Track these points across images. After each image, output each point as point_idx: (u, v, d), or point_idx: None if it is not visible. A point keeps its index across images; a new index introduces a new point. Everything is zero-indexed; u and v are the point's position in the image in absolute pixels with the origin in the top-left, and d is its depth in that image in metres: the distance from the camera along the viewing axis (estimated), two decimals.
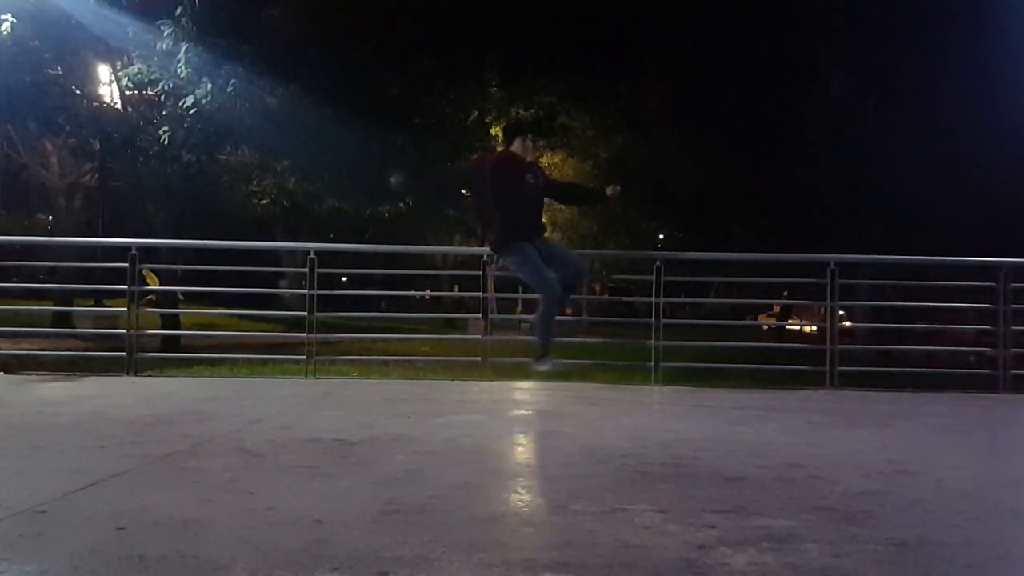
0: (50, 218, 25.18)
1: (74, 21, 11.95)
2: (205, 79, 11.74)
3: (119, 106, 14.67)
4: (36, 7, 11.49)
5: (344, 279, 21.42)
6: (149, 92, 12.72)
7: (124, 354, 6.42)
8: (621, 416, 4.68)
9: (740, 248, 20.78)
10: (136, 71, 12.28)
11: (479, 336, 6.64)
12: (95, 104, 14.49)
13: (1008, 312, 6.48)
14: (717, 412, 4.82)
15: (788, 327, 30.16)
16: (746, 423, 4.37)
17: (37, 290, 16.95)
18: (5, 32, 10.93)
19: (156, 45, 11.57)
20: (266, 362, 8.19)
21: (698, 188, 22.84)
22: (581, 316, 25.99)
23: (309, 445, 3.44)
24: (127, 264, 6.46)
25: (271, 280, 27.94)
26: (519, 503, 2.61)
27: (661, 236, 28.46)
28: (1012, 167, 17.05)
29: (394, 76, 14.61)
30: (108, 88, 15.05)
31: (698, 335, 11.27)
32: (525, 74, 19.99)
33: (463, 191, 5.48)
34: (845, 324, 10.71)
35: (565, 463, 3.26)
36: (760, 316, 30.96)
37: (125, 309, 6.61)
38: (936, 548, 2.18)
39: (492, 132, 19.52)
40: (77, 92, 14.02)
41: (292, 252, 20.28)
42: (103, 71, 14.92)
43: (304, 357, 6.64)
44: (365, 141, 13.72)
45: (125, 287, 6.53)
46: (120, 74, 13.25)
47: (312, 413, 4.51)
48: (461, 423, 4.18)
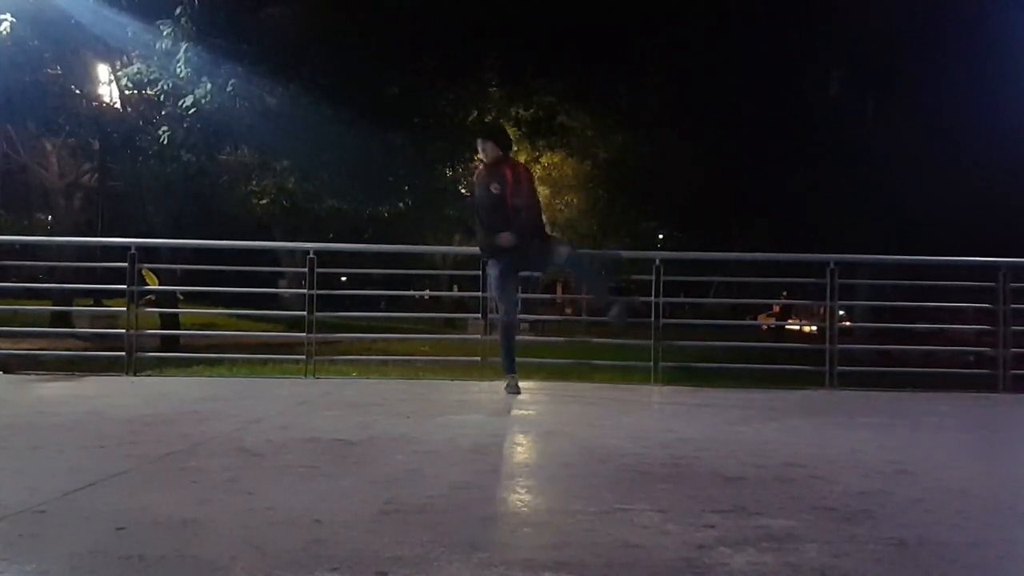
0: (50, 218, 25.18)
1: (74, 21, 11.96)
2: (205, 79, 11.74)
3: (119, 106, 14.69)
4: (36, 7, 11.49)
5: (344, 279, 21.41)
6: (148, 92, 12.73)
7: (123, 354, 6.43)
8: (621, 416, 4.68)
9: (740, 248, 20.80)
10: (136, 71, 12.28)
11: (479, 336, 6.64)
12: (95, 104, 14.51)
13: (1008, 312, 6.48)
14: (717, 412, 4.82)
15: (788, 327, 30.21)
16: (746, 423, 4.36)
17: (37, 290, 16.96)
18: (5, 32, 10.93)
19: (156, 45, 11.57)
20: (265, 362, 8.20)
21: (698, 188, 22.83)
22: (581, 316, 26.01)
23: (308, 445, 3.44)
24: (126, 264, 6.46)
25: (270, 280, 27.95)
26: (519, 503, 2.60)
27: (661, 236, 28.46)
28: (1012, 167, 17.06)
29: (394, 76, 14.63)
30: (107, 88, 15.06)
31: (698, 335, 11.25)
32: (525, 74, 19.98)
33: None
34: (845, 324, 10.72)
35: (565, 463, 3.26)
36: (760, 316, 31.00)
37: (124, 309, 6.62)
38: (936, 548, 2.17)
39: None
40: (77, 92, 14.04)
41: (291, 252, 20.30)
42: (103, 71, 14.93)
43: (303, 357, 6.65)
44: (365, 141, 13.74)
45: (124, 287, 6.54)
46: (120, 74, 13.26)
47: (311, 413, 4.51)
48: (461, 423, 4.18)
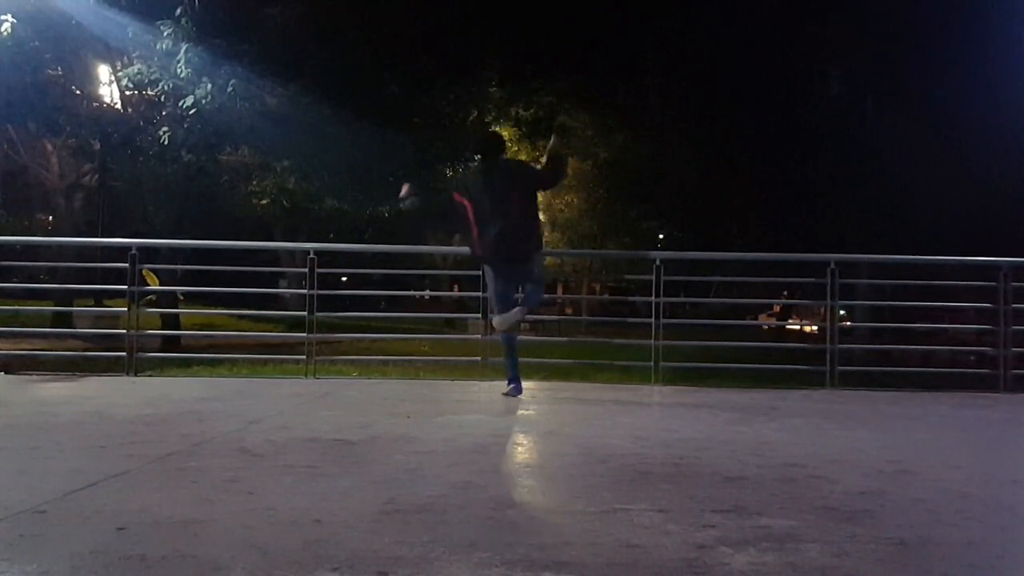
0: (50, 218, 25.17)
1: (74, 21, 11.96)
2: (205, 79, 11.74)
3: (119, 106, 14.68)
4: (36, 7, 11.49)
5: (344, 279, 21.42)
6: (149, 92, 12.73)
7: (124, 354, 6.43)
8: (621, 416, 4.68)
9: (740, 248, 20.82)
10: (136, 71, 12.27)
11: (479, 336, 6.63)
12: (95, 104, 14.50)
13: (1008, 311, 6.47)
14: (717, 412, 4.82)
15: (788, 327, 30.21)
16: (746, 423, 4.36)
17: (37, 290, 16.96)
18: (5, 32, 10.93)
19: (156, 45, 11.57)
20: (266, 362, 8.19)
21: (698, 188, 22.86)
22: (581, 316, 26.02)
23: (309, 445, 3.44)
24: (127, 264, 6.47)
25: (271, 280, 27.97)
26: (519, 503, 2.60)
27: (661, 236, 28.46)
28: (1012, 166, 17.06)
29: (394, 76, 14.62)
30: (108, 88, 15.04)
31: (698, 335, 11.26)
32: (525, 74, 19.99)
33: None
34: (845, 324, 10.72)
35: (565, 463, 3.26)
36: (760, 316, 31.01)
37: (125, 309, 6.62)
38: (936, 548, 2.18)
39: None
40: (77, 92, 14.04)
41: (292, 252, 20.31)
42: (103, 71, 14.91)
43: (304, 357, 6.65)
44: (365, 141, 13.73)
45: (125, 287, 6.54)
46: (120, 74, 13.25)
47: (312, 413, 4.51)
48: (461, 423, 4.18)
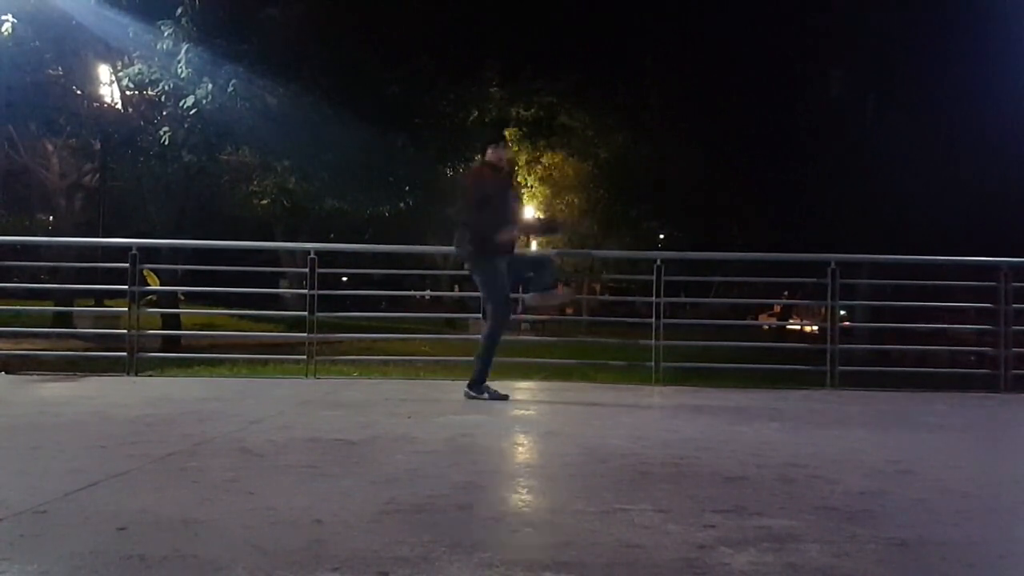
0: (51, 218, 25.18)
1: (74, 21, 11.97)
2: (205, 79, 11.75)
3: (119, 106, 14.68)
4: (37, 8, 11.49)
5: (344, 279, 21.43)
6: (149, 92, 12.74)
7: (125, 354, 6.43)
8: (621, 416, 4.68)
9: (741, 248, 20.82)
10: (136, 71, 12.28)
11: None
12: (95, 104, 14.50)
13: (1009, 312, 6.47)
14: (717, 412, 4.82)
15: (788, 327, 30.21)
16: (746, 423, 4.37)
17: (38, 290, 16.97)
18: (6, 33, 10.93)
19: (156, 45, 11.58)
20: (266, 362, 8.20)
21: (698, 187, 22.86)
22: (581, 316, 26.00)
23: (309, 445, 3.44)
24: (128, 264, 6.47)
25: (271, 280, 27.97)
26: (519, 503, 2.61)
27: (661, 236, 28.47)
28: (1013, 166, 17.05)
29: (394, 76, 14.63)
30: (109, 88, 15.04)
31: (698, 335, 11.27)
32: (525, 74, 20.01)
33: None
34: (845, 324, 10.71)
35: (565, 463, 3.26)
36: (761, 316, 30.99)
37: (126, 309, 6.62)
38: (937, 548, 2.18)
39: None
40: (78, 92, 14.04)
41: (292, 252, 20.31)
42: (103, 71, 14.91)
43: (304, 357, 6.65)
44: (365, 141, 13.74)
45: (126, 287, 6.54)
46: (120, 74, 13.26)
47: (312, 413, 4.51)
48: (461, 423, 4.18)
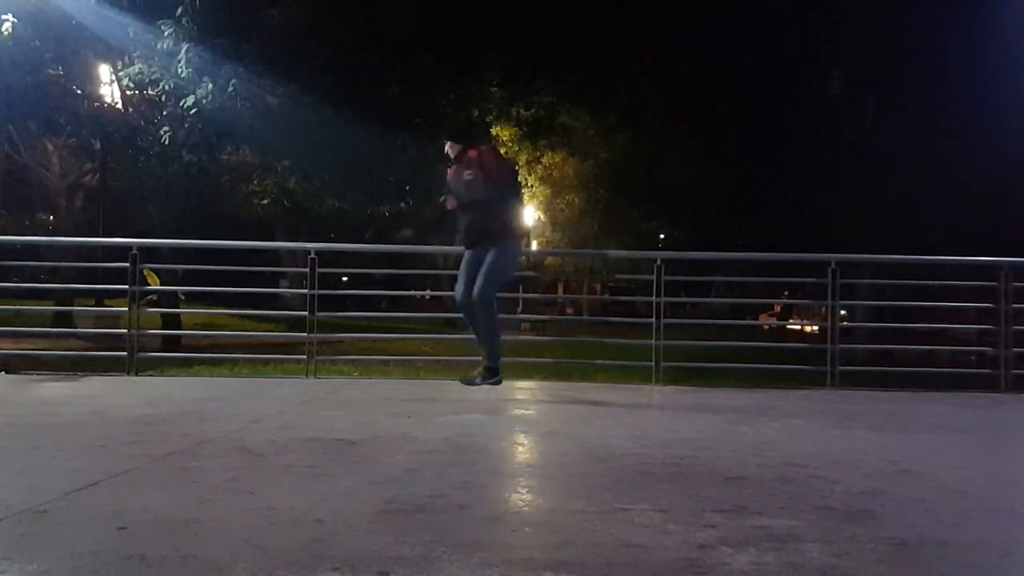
0: (51, 218, 25.18)
1: (75, 21, 11.95)
2: (206, 79, 11.74)
3: (120, 106, 14.69)
4: (37, 7, 11.49)
5: (345, 279, 21.42)
6: (150, 92, 12.73)
7: (125, 354, 6.43)
8: (621, 415, 4.68)
9: (741, 248, 20.82)
10: (137, 71, 12.28)
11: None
12: (96, 104, 14.50)
13: (1009, 311, 6.47)
14: (718, 412, 4.82)
15: (789, 327, 30.19)
16: (747, 423, 4.37)
17: (38, 290, 16.97)
18: (6, 32, 10.93)
19: (157, 45, 11.57)
20: (267, 362, 8.19)
21: (699, 187, 22.86)
22: (582, 316, 26.00)
23: (310, 445, 3.44)
24: (128, 264, 6.47)
25: (272, 280, 27.99)
26: (519, 502, 2.61)
27: (662, 236, 28.48)
28: (1013, 165, 17.05)
29: (395, 76, 14.63)
30: (109, 88, 15.05)
31: (699, 335, 11.27)
32: (525, 74, 19.99)
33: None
34: (845, 324, 10.70)
35: (565, 462, 3.26)
36: (761, 316, 30.97)
37: (126, 309, 6.62)
38: (937, 548, 2.17)
39: (493, 131, 19.52)
40: (78, 92, 14.04)
41: (293, 252, 20.34)
42: (104, 71, 14.92)
43: (305, 357, 6.65)
44: (366, 141, 13.74)
45: (126, 287, 6.54)
46: (121, 74, 13.26)
47: (313, 413, 4.51)
48: (461, 423, 4.18)
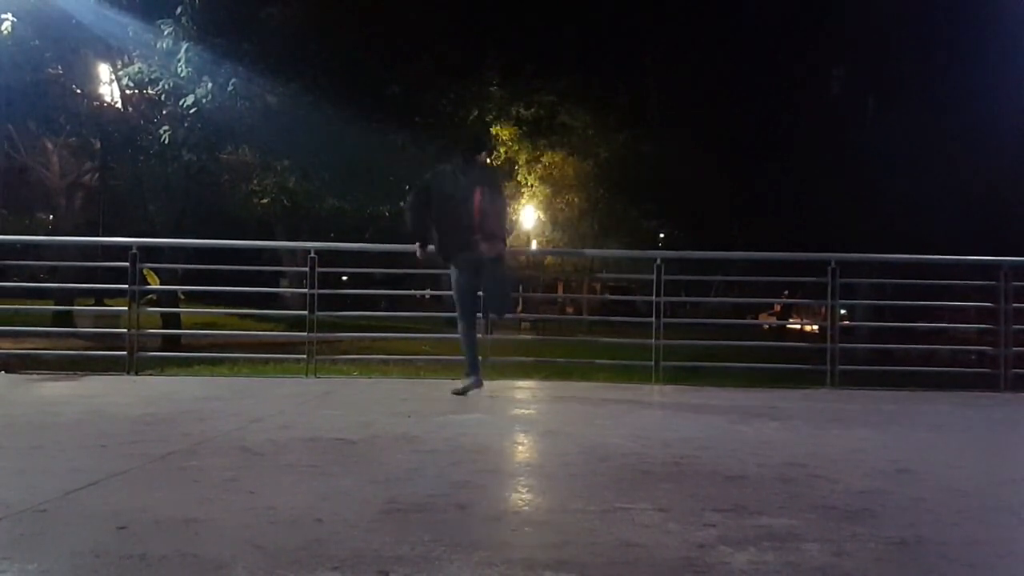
0: (51, 217, 25.19)
1: (74, 20, 11.96)
2: (205, 78, 11.75)
3: (119, 105, 14.68)
4: (36, 7, 11.49)
5: (345, 278, 21.41)
6: (149, 91, 12.74)
7: (125, 353, 6.43)
8: (622, 415, 4.68)
9: (741, 247, 20.82)
10: (136, 70, 12.28)
11: (479, 335, 6.62)
12: (95, 103, 14.50)
13: (1009, 311, 6.47)
14: (718, 411, 4.82)
15: (789, 326, 30.18)
16: (747, 422, 4.37)
17: (38, 289, 16.95)
18: (5, 31, 10.93)
19: (156, 44, 11.58)
20: (267, 361, 8.18)
21: (699, 187, 22.85)
22: (582, 315, 26.00)
23: (310, 444, 3.44)
24: (128, 263, 6.47)
25: (272, 279, 27.97)
26: (520, 502, 2.61)
27: (662, 235, 28.46)
28: (1013, 165, 17.05)
29: (395, 75, 14.63)
30: (108, 87, 15.05)
31: (699, 334, 11.25)
32: (525, 73, 19.99)
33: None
34: (845, 323, 10.70)
35: (565, 462, 3.26)
36: (761, 315, 30.94)
37: (126, 308, 6.62)
38: (936, 547, 2.17)
39: (493, 131, 19.51)
40: (77, 91, 14.04)
41: (293, 251, 20.32)
42: (103, 70, 14.91)
43: (305, 356, 6.65)
44: (366, 140, 13.75)
45: (126, 286, 6.54)
46: (120, 73, 13.26)
47: (313, 412, 4.51)
48: (461, 422, 4.18)
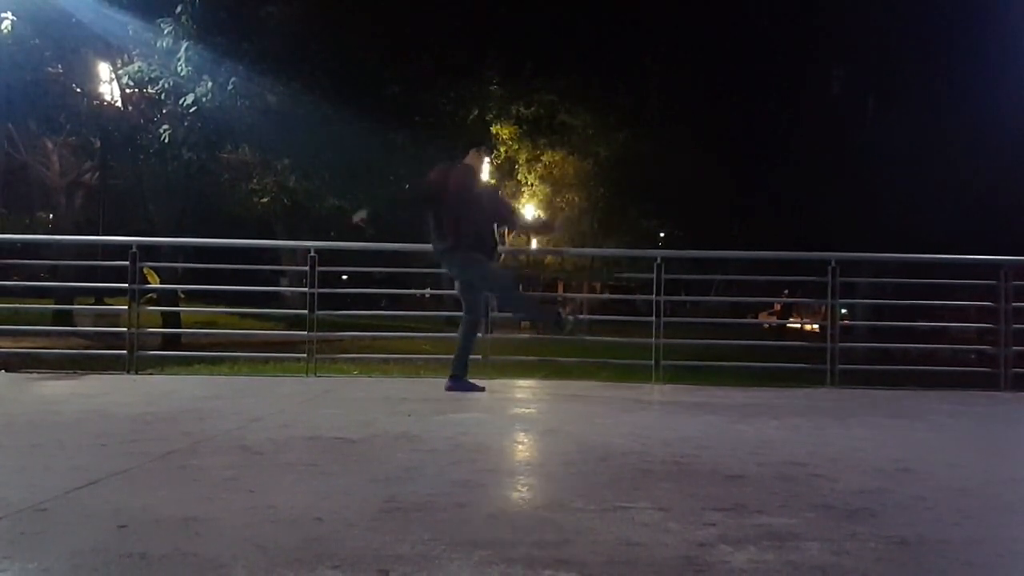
0: (51, 216, 25.19)
1: (74, 19, 11.96)
2: (205, 77, 11.75)
3: (119, 104, 14.68)
4: (36, 6, 11.48)
5: (345, 277, 21.41)
6: (149, 90, 12.74)
7: (125, 352, 6.44)
8: (622, 414, 4.68)
9: (741, 246, 20.83)
10: (136, 69, 12.28)
11: (479, 334, 6.62)
12: (95, 102, 14.49)
13: (1009, 310, 6.48)
14: (718, 410, 4.82)
15: (789, 325, 30.21)
16: (747, 421, 4.37)
17: (38, 288, 16.97)
18: (5, 31, 10.93)
19: (156, 43, 11.58)
20: (267, 360, 8.19)
21: (699, 186, 22.85)
22: (582, 315, 26.01)
23: (310, 443, 3.44)
24: (128, 262, 6.47)
25: (272, 278, 27.97)
26: (519, 501, 2.61)
27: (662, 234, 28.45)
28: (1013, 165, 17.05)
29: (395, 74, 14.63)
30: (108, 86, 15.04)
31: (699, 333, 11.26)
32: (525, 72, 20.00)
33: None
34: (845, 322, 10.70)
35: (565, 461, 3.26)
36: (761, 314, 30.98)
37: (126, 307, 6.62)
38: (936, 546, 2.17)
39: (492, 130, 19.52)
40: (78, 90, 14.03)
41: (293, 250, 20.30)
42: (103, 69, 14.91)
43: (305, 355, 6.66)
44: (366, 139, 13.75)
45: (126, 285, 6.54)
46: (120, 72, 13.25)
47: (313, 411, 4.51)
48: (461, 421, 4.18)
